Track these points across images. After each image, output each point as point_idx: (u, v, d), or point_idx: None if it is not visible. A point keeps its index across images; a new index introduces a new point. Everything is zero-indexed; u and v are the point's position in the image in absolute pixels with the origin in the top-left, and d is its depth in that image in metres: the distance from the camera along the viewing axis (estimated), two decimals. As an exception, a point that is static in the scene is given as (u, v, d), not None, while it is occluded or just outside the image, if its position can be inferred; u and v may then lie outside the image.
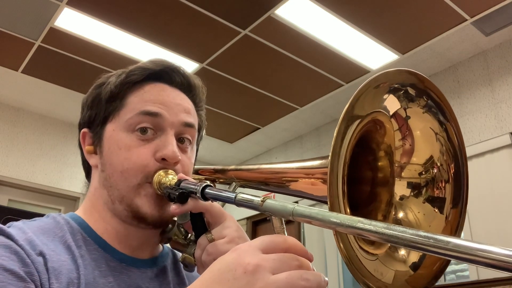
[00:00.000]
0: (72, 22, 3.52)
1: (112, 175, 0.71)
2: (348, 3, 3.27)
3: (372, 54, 3.84)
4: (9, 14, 3.46)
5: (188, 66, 4.00)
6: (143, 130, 0.72)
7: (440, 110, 0.71)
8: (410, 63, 3.98)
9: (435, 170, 0.72)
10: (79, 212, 0.76)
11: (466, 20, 3.41)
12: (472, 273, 3.45)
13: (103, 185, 0.73)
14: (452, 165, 0.72)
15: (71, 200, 4.99)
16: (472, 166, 3.58)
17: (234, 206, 0.61)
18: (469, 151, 3.61)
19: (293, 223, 5.10)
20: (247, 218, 5.56)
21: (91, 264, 0.67)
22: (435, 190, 0.72)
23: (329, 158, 0.58)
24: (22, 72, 4.22)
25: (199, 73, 4.05)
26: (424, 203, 0.71)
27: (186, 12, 3.37)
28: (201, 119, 0.82)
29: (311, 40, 3.66)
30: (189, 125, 0.75)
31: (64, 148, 5.06)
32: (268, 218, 0.55)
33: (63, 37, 3.69)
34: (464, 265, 3.53)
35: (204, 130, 0.85)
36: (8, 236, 0.61)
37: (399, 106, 0.69)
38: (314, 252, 4.70)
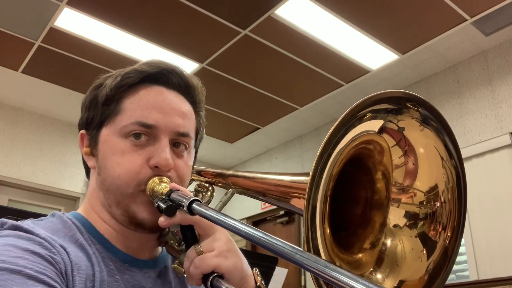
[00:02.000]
0: (72, 22, 3.52)
1: (107, 180, 0.72)
2: (348, 3, 3.27)
3: (372, 54, 3.84)
4: (9, 14, 3.46)
5: (188, 66, 3.99)
6: (137, 135, 0.71)
7: (439, 120, 0.67)
8: (410, 63, 3.98)
9: (438, 205, 0.67)
10: (81, 211, 0.76)
11: (466, 20, 3.41)
12: (472, 273, 3.45)
13: (100, 188, 0.74)
14: (455, 215, 0.67)
15: (71, 200, 4.99)
16: (472, 166, 3.58)
17: (233, 206, 0.60)
18: (469, 151, 3.61)
19: (293, 223, 5.10)
20: (247, 218, 5.55)
21: (101, 262, 0.67)
22: (431, 229, 0.67)
23: (310, 175, 0.57)
24: (22, 72, 4.22)
25: (199, 73, 4.05)
26: (416, 237, 0.68)
27: (186, 12, 3.37)
28: (200, 120, 0.82)
29: (311, 40, 3.66)
30: (182, 135, 0.74)
31: (64, 148, 5.06)
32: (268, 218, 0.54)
33: (63, 37, 3.69)
34: (464, 265, 3.53)
35: (204, 130, 0.85)
36: (27, 231, 0.62)
37: (382, 121, 0.65)
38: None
